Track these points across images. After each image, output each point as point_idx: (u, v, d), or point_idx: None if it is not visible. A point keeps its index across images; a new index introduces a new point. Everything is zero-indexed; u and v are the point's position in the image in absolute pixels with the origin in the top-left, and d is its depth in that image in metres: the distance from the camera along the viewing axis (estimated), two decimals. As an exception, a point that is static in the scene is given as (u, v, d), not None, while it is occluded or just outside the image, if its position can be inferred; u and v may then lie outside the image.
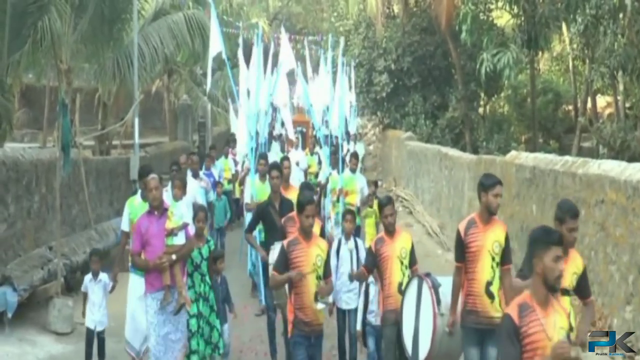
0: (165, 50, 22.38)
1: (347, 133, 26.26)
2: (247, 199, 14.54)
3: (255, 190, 13.98)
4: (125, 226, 10.95)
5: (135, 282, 10.38)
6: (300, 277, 8.34)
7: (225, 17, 34.81)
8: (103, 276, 11.09)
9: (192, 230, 9.87)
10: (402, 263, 9.30)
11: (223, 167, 20.73)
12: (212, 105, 33.40)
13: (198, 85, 34.57)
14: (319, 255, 8.60)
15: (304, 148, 26.16)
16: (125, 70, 20.79)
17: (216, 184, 18.33)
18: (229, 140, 23.46)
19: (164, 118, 35.83)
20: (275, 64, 20.31)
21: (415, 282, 9.05)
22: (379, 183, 25.84)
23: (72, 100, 19.12)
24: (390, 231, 9.43)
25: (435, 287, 8.68)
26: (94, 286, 11.06)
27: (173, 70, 32.80)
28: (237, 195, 20.40)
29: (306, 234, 8.57)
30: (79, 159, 15.48)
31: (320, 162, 21.33)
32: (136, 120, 18.81)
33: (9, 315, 11.65)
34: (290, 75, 22.47)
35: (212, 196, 16.74)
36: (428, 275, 8.96)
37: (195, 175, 15.95)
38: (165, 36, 22.27)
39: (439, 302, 8.62)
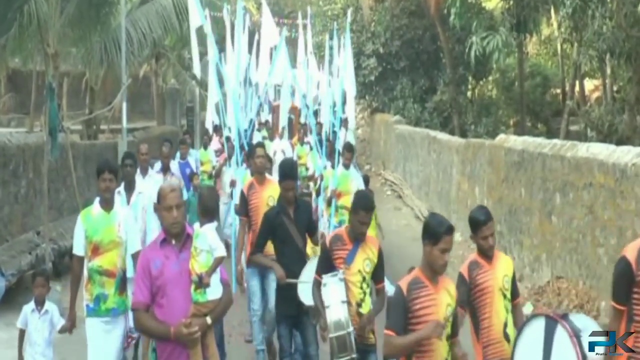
0: (153, 34, 22.30)
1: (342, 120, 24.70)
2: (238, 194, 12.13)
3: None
4: (79, 248, 8.23)
5: (96, 331, 8.13)
6: (439, 331, 5.89)
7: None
8: (51, 307, 8.67)
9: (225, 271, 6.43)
10: (504, 296, 7.00)
11: (200, 159, 18.69)
12: (200, 90, 33.31)
13: (186, 69, 34.43)
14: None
15: (291, 136, 24.28)
16: (113, 55, 20.72)
17: (192, 176, 16.14)
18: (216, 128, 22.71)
19: (152, 102, 35.74)
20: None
21: (540, 325, 6.33)
22: (369, 167, 25.39)
23: (60, 84, 19.08)
24: (489, 255, 7.10)
25: (577, 336, 5.97)
26: (37, 321, 8.56)
27: (161, 54, 32.68)
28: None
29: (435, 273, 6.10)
30: (67, 143, 15.39)
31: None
32: (124, 105, 18.74)
33: (-3, 300, 11.64)
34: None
35: (185, 194, 13.29)
36: (565, 317, 6.22)
37: (166, 169, 13.44)
38: (153, 20, 22.17)
39: (584, 358, 5.92)
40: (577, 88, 32.49)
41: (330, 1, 40.69)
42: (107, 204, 8.22)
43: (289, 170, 8.89)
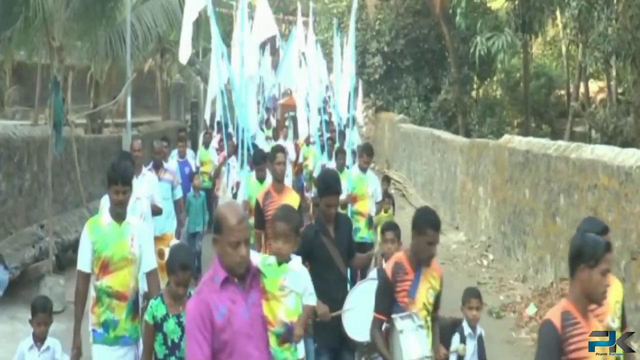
0: (158, 29, 22.20)
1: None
2: (240, 197, 11.48)
3: (251, 192, 10.88)
4: (84, 264, 7.03)
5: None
6: None
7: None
8: (52, 343, 7.57)
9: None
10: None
11: (201, 159, 17.78)
12: (205, 85, 33.28)
13: (191, 65, 34.45)
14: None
15: (295, 137, 23.24)
16: (118, 49, 20.64)
17: (192, 176, 15.01)
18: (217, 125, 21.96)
19: (157, 97, 35.67)
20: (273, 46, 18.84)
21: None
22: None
23: (64, 78, 19.03)
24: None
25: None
26: (36, 359, 7.44)
27: (166, 49, 32.63)
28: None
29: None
30: (71, 137, 15.38)
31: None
32: (129, 99, 18.70)
33: (0, 293, 11.63)
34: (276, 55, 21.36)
35: (179, 192, 12.28)
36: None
37: (158, 166, 12.04)
38: (158, 15, 22.10)
39: None
40: (582, 89, 32.53)
41: (335, -1, 40.71)
42: (119, 216, 7.04)
43: (333, 184, 7.51)
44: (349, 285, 7.88)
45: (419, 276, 6.05)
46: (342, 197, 11.53)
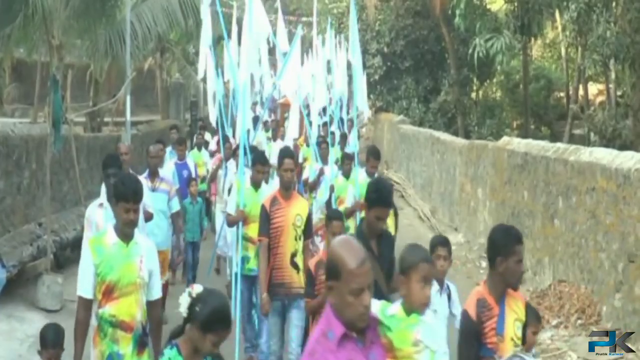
0: (158, 28, 22.23)
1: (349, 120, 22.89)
2: (229, 208, 10.35)
3: (245, 199, 9.99)
4: (86, 288, 6.31)
5: None
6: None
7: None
8: None
9: None
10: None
11: (195, 161, 16.06)
12: (204, 85, 33.30)
13: (191, 64, 34.47)
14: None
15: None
16: (118, 48, 20.65)
17: (189, 181, 13.82)
18: (203, 126, 21.86)
19: (156, 96, 35.71)
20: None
21: None
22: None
23: (64, 76, 19.06)
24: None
25: None
26: None
27: (166, 48, 32.72)
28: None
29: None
30: (70, 135, 15.37)
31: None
32: (128, 98, 18.69)
33: (-2, 291, 11.63)
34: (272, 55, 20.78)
35: (176, 205, 11.12)
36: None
37: (153, 175, 11.03)
38: (158, 14, 22.13)
39: None
40: (581, 92, 32.54)
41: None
42: (127, 233, 6.30)
43: (387, 194, 6.69)
44: None
45: (504, 308, 5.23)
46: (350, 204, 11.73)
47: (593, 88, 36.12)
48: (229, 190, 12.77)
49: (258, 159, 10.22)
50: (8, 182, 13.62)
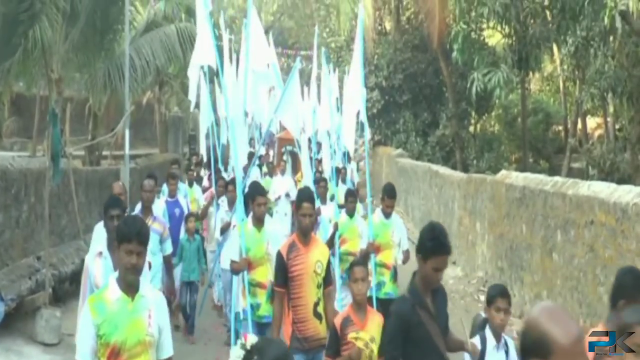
0: (156, 62, 22.37)
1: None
2: (233, 254, 9.39)
3: (248, 243, 9.18)
4: (85, 354, 5.43)
5: None
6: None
7: (216, 30, 34.81)
8: None
9: None
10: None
11: (189, 197, 15.47)
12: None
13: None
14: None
15: (294, 172, 22.39)
16: (117, 81, 20.76)
17: (186, 218, 13.12)
18: (199, 162, 21.57)
19: (155, 130, 35.83)
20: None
21: None
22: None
23: (63, 109, 19.07)
24: None
25: None
26: None
27: (164, 82, 32.84)
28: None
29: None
30: (69, 169, 15.39)
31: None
32: (127, 132, 18.74)
33: (-4, 325, 11.58)
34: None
35: (169, 247, 10.87)
36: None
37: (146, 212, 10.83)
38: (156, 48, 22.28)
39: None
40: (579, 125, 32.66)
41: (334, 33, 40.88)
42: (131, 287, 5.47)
43: (445, 240, 5.78)
44: None
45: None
46: (364, 245, 11.16)
47: (591, 121, 36.27)
48: (222, 230, 12.70)
49: (257, 191, 9.58)
50: (7, 215, 13.61)
